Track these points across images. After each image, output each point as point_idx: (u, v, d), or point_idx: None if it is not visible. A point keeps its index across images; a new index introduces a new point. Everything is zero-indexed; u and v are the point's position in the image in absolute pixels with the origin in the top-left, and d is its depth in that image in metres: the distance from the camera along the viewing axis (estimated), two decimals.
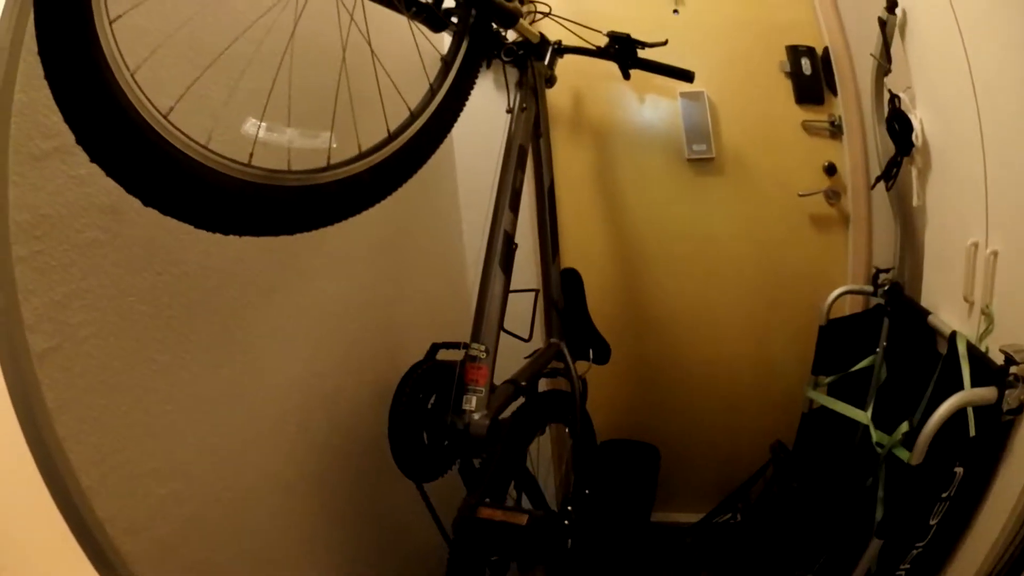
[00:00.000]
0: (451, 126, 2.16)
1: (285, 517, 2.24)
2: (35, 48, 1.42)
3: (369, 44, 1.87)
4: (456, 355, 2.04)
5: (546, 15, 2.74)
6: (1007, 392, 1.84)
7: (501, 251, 2.09)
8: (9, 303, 1.42)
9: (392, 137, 1.85)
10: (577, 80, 3.65)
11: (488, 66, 3.00)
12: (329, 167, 1.63)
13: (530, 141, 2.47)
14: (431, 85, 2.14)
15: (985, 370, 1.93)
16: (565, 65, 3.01)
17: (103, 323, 1.66)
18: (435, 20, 2.19)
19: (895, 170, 2.75)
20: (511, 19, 2.41)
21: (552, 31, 2.90)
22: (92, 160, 1.17)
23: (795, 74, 3.53)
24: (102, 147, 1.17)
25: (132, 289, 1.74)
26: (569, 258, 2.84)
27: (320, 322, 2.44)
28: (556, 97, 3.34)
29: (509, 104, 2.49)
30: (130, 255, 1.73)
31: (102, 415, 1.62)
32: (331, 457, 2.44)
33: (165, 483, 1.76)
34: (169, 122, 1.25)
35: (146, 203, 1.24)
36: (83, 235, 1.62)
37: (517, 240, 2.24)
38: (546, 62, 2.81)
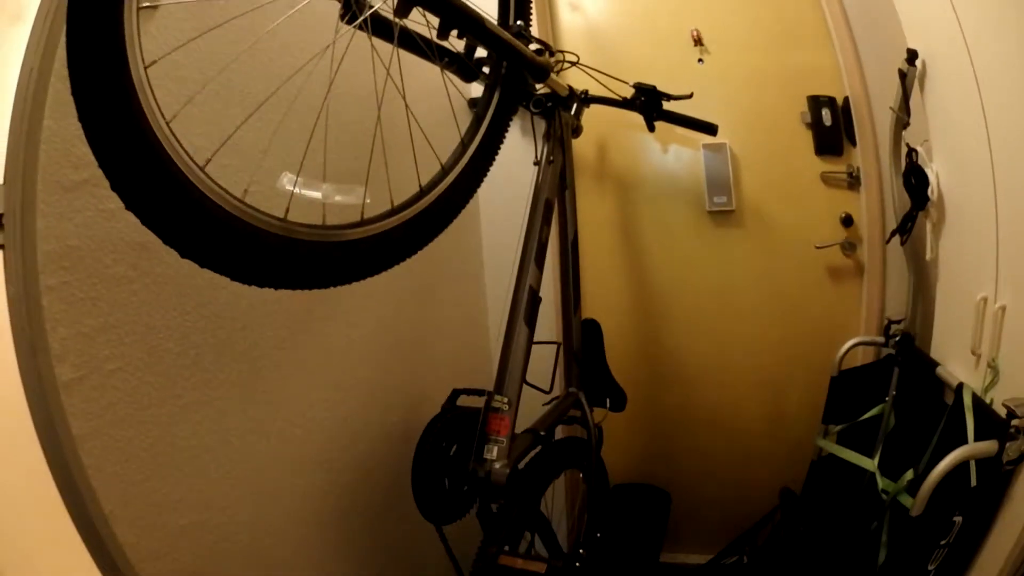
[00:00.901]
0: (482, 179, 2.16)
1: (306, 551, 2.24)
2: (64, 73, 1.43)
3: (404, 99, 1.88)
4: (476, 401, 2.03)
5: (574, 64, 2.73)
6: (1008, 444, 1.87)
7: (526, 306, 2.08)
8: (36, 332, 1.43)
9: (424, 192, 1.86)
10: (602, 128, 3.67)
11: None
12: (362, 222, 1.63)
13: (556, 194, 2.47)
14: (462, 139, 2.14)
15: (988, 422, 1.97)
16: (590, 113, 3.00)
17: (130, 358, 1.65)
18: (467, 70, 2.19)
19: (910, 224, 2.74)
20: (543, 73, 2.41)
21: (579, 80, 2.89)
22: (127, 208, 1.15)
23: (815, 125, 3.53)
24: (137, 197, 1.15)
25: (161, 327, 1.74)
26: (588, 305, 2.83)
27: (344, 365, 2.45)
28: (581, 145, 3.33)
29: (536, 156, 2.48)
30: (159, 293, 1.73)
31: (127, 446, 1.62)
32: (352, 495, 2.44)
33: (188, 513, 1.77)
34: (206, 174, 1.24)
35: (183, 255, 1.22)
36: (112, 270, 1.62)
37: (539, 291, 2.23)
38: (573, 112, 2.80)
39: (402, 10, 1.69)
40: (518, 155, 2.51)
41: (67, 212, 1.53)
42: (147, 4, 1.19)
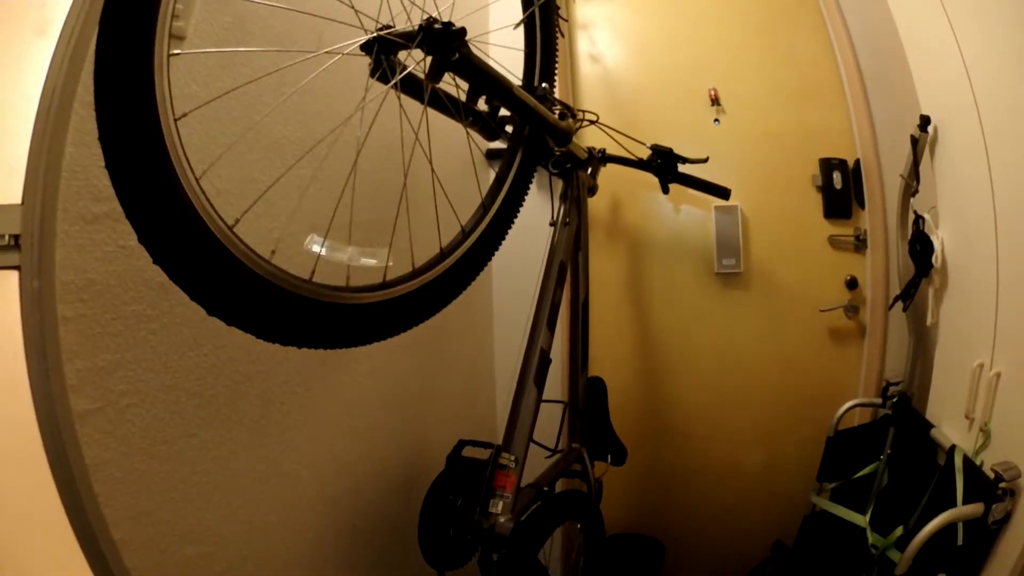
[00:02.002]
0: (501, 242, 2.19)
1: None
2: (88, 99, 1.44)
3: (431, 164, 1.90)
4: (480, 452, 2.03)
5: (593, 123, 2.72)
6: (994, 506, 1.92)
7: (536, 367, 2.09)
8: (51, 359, 1.44)
9: (444, 255, 1.88)
10: (616, 186, 3.70)
11: None
12: (384, 284, 1.64)
13: (570, 256, 2.47)
14: (483, 202, 2.17)
15: (977, 483, 2.02)
16: (606, 170, 3.02)
17: (146, 394, 1.66)
18: (490, 130, 2.20)
19: (913, 290, 2.75)
20: (565, 139, 2.43)
21: (596, 137, 2.91)
22: (155, 262, 1.16)
23: (826, 188, 3.56)
24: (165, 253, 1.16)
25: (177, 367, 1.75)
26: (594, 358, 2.85)
27: (354, 412, 2.47)
28: (595, 202, 3.35)
29: (553, 216, 2.49)
30: (177, 334, 1.74)
31: (139, 478, 1.63)
32: (356, 536, 2.46)
33: (196, 545, 1.78)
34: (235, 234, 1.25)
35: (209, 313, 1.23)
36: (130, 308, 1.63)
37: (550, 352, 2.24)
38: (590, 171, 2.81)
39: (434, 75, 1.71)
40: (532, 210, 2.49)
41: (87, 245, 1.54)
42: (177, 52, 1.17)
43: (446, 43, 1.66)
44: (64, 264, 1.48)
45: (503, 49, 2.34)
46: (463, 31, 1.69)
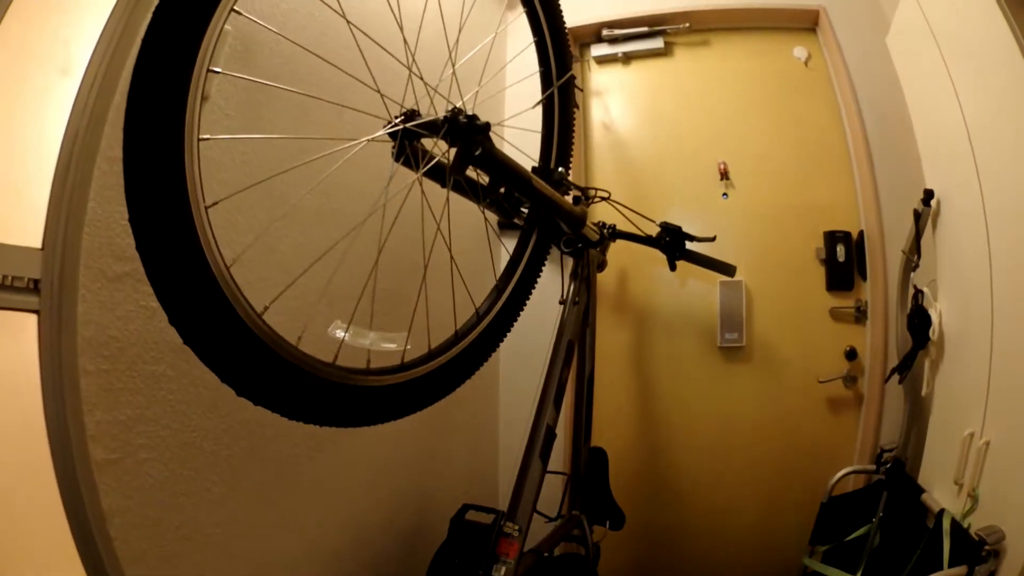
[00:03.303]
0: (513, 323, 2.22)
1: None
2: (110, 154, 1.53)
3: (449, 250, 1.95)
4: (483, 516, 2.05)
5: (605, 199, 2.75)
6: (977, 568, 1.97)
7: (542, 443, 2.10)
8: (71, 410, 1.49)
9: (459, 337, 1.92)
10: (624, 259, 3.75)
11: None
12: (402, 367, 1.68)
13: (578, 334, 2.49)
14: (497, 284, 2.21)
15: (963, 545, 2.05)
16: (615, 243, 3.04)
17: (164, 449, 1.71)
18: (506, 211, 2.23)
19: (909, 363, 2.79)
20: (579, 224, 2.47)
21: (607, 212, 2.94)
22: (185, 343, 1.17)
23: (829, 261, 3.58)
24: (197, 338, 1.18)
25: (195, 426, 1.80)
26: (597, 426, 2.83)
27: (364, 474, 2.51)
28: (603, 275, 3.32)
29: (563, 295, 2.51)
30: (196, 395, 1.79)
31: (154, 525, 1.67)
32: None
33: None
34: (263, 321, 1.29)
35: (239, 394, 1.26)
36: (151, 367, 1.68)
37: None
38: (599, 248, 2.83)
39: (458, 169, 1.74)
40: (541, 285, 2.50)
41: (108, 302, 1.58)
42: (206, 137, 1.19)
43: (470, 137, 1.70)
44: (85, 319, 1.52)
45: (520, 110, 2.39)
46: (487, 126, 1.73)
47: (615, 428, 3.73)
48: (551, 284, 2.49)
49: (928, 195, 2.68)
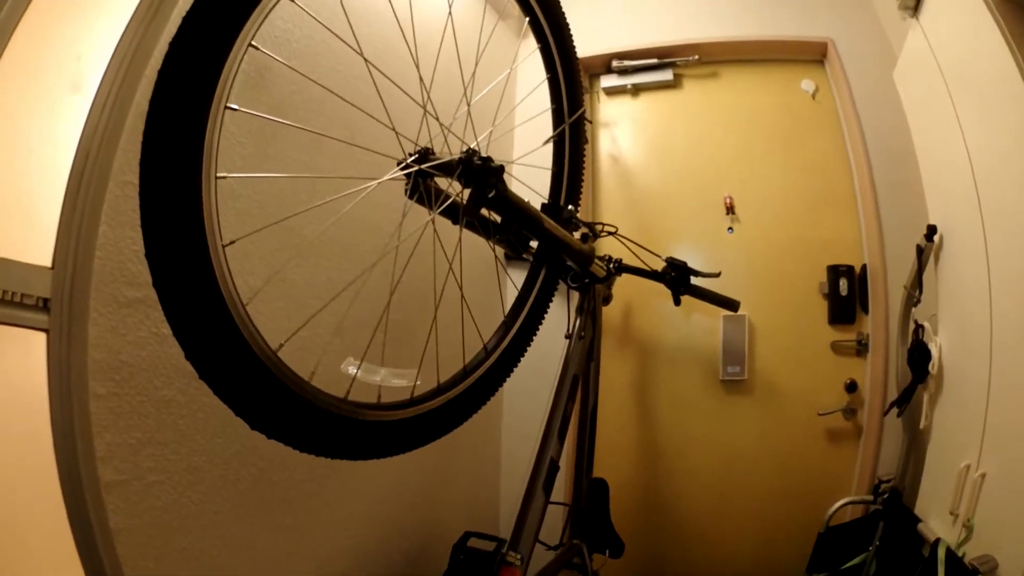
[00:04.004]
0: (520, 359, 2.23)
1: None
2: (123, 179, 1.54)
3: (460, 288, 1.97)
4: (484, 544, 2.06)
5: (612, 234, 2.75)
6: None
7: (545, 475, 2.11)
8: (82, 430, 1.50)
9: (467, 373, 1.93)
10: (629, 292, 3.76)
11: None
12: (412, 401, 1.70)
13: (583, 368, 2.50)
14: (505, 320, 2.22)
15: (958, 573, 2.07)
16: (621, 276, 3.04)
17: (172, 472, 1.72)
18: (515, 248, 2.25)
19: (908, 396, 2.81)
20: (587, 262, 2.47)
21: (613, 245, 2.92)
22: (201, 378, 1.19)
23: (832, 295, 3.59)
24: (213, 374, 1.20)
25: (203, 451, 1.82)
26: (599, 456, 2.83)
27: (366, 501, 2.53)
28: (608, 308, 3.33)
29: (568, 329, 2.52)
30: (205, 421, 1.81)
31: (161, 545, 1.69)
32: None
33: None
34: (279, 359, 1.31)
35: (252, 428, 1.28)
36: (161, 392, 1.70)
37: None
38: (606, 283, 2.84)
39: (471, 210, 1.77)
40: (548, 315, 2.52)
41: (119, 327, 1.60)
42: (223, 175, 1.21)
43: (484, 179, 1.72)
44: (96, 343, 1.53)
45: (530, 142, 2.41)
46: (501, 169, 1.75)
47: (617, 458, 3.74)
48: (557, 317, 2.50)
49: (931, 230, 2.71)
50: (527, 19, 2.26)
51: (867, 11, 3.78)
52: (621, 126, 4.25)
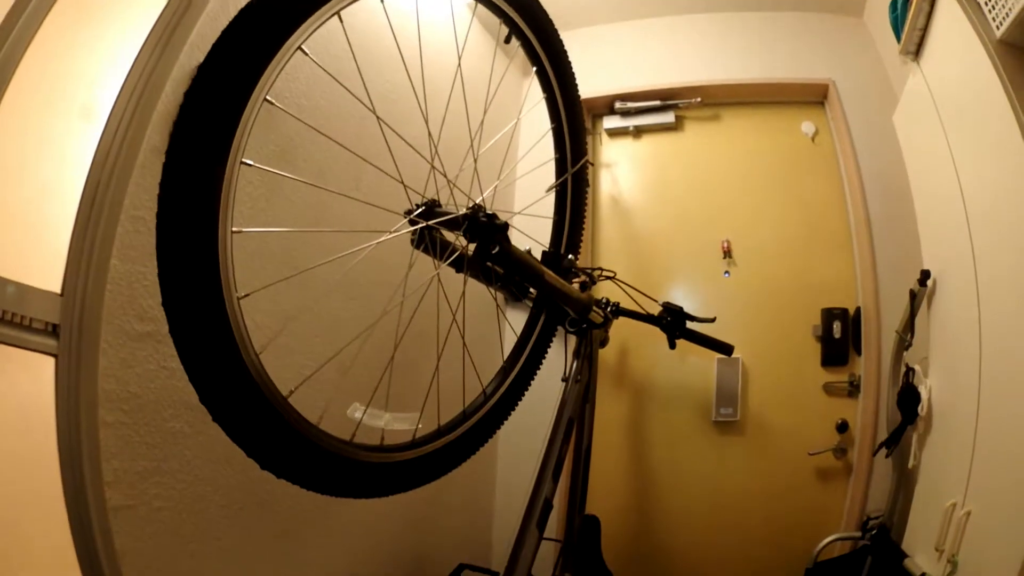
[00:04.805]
0: (518, 402, 2.29)
1: None
2: (135, 214, 1.58)
3: (462, 336, 2.01)
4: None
5: (611, 279, 2.79)
6: None
7: (539, 513, 2.12)
8: (90, 456, 1.54)
9: (467, 416, 1.99)
10: (626, 333, 3.76)
11: None
12: (413, 443, 1.76)
13: (578, 411, 2.50)
14: (504, 366, 2.28)
15: None
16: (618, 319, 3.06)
17: (178, 500, 1.78)
18: (515, 295, 2.26)
19: (898, 437, 2.85)
20: (585, 310, 2.51)
21: (612, 288, 2.95)
22: (215, 421, 1.25)
23: (825, 338, 3.63)
24: (228, 419, 1.26)
25: (209, 480, 1.87)
26: (592, 493, 2.84)
27: (362, 532, 2.59)
28: (604, 350, 3.34)
29: (565, 372, 2.53)
30: (211, 452, 1.86)
31: (164, 567, 1.74)
32: None
33: None
34: (289, 404, 1.37)
35: (263, 467, 1.34)
36: (169, 424, 1.75)
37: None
38: (603, 327, 2.86)
39: (475, 265, 1.86)
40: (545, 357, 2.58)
41: (129, 360, 1.64)
42: (238, 230, 1.27)
43: (489, 235, 1.78)
44: (106, 373, 1.58)
45: (531, 190, 2.45)
46: (505, 227, 1.81)
47: (609, 495, 3.76)
48: (554, 359, 2.55)
49: (924, 275, 2.74)
50: (534, 68, 2.31)
51: (869, 52, 3.83)
52: (622, 167, 4.30)
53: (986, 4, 2.14)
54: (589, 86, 3.18)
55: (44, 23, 1.47)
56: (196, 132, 1.19)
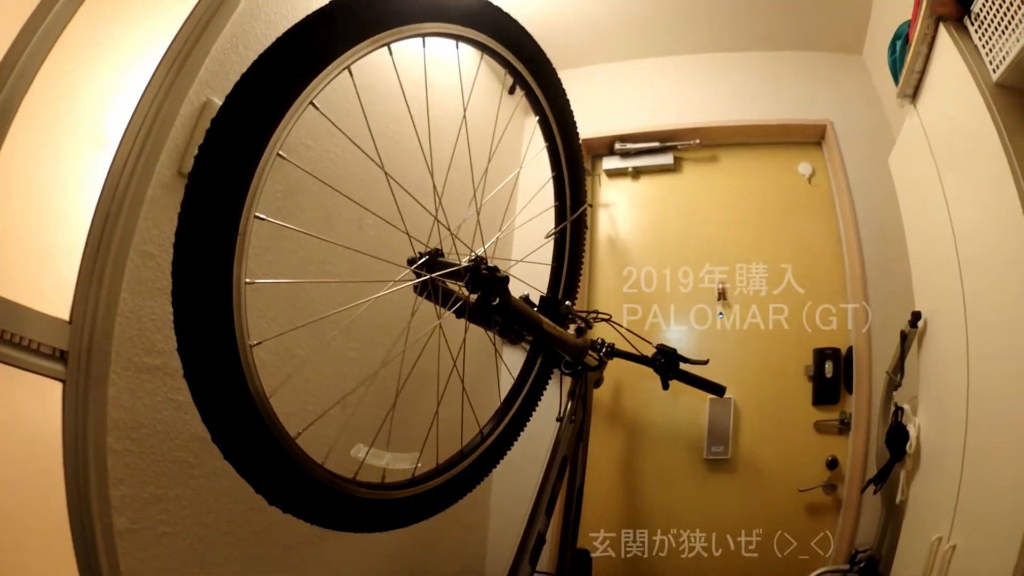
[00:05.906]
0: (514, 442, 2.35)
1: None
2: (145, 248, 1.65)
3: (462, 382, 2.05)
4: None
5: (606, 321, 2.85)
6: None
7: (532, 548, 2.14)
8: (97, 480, 1.61)
9: (464, 456, 2.04)
10: (620, 372, 3.78)
11: None
12: (413, 481, 1.82)
13: (573, 451, 2.53)
14: (501, 407, 2.33)
15: None
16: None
17: (182, 526, 1.85)
18: (512, 339, 2.33)
19: (886, 474, 2.89)
20: (581, 354, 2.55)
21: (606, 330, 3.03)
22: (225, 459, 1.30)
23: (817, 378, 3.69)
24: (237, 455, 1.31)
25: (213, 509, 1.94)
26: (583, 527, 2.87)
27: (361, 557, 2.64)
28: (599, 389, 3.36)
29: (560, 412, 2.55)
30: (216, 482, 1.93)
31: None
32: None
33: None
34: (297, 445, 1.43)
35: (270, 503, 1.40)
36: (175, 454, 1.82)
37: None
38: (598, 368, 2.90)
39: (476, 315, 1.91)
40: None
41: (138, 391, 1.70)
42: (251, 281, 1.31)
43: (490, 288, 1.83)
44: (115, 403, 1.64)
45: (531, 236, 2.53)
46: (505, 280, 1.86)
47: (599, 528, 3.73)
48: (549, 400, 2.58)
49: (915, 317, 2.78)
50: (537, 118, 2.35)
51: (868, 92, 3.91)
52: (620, 208, 4.35)
53: (983, 47, 2.20)
54: (589, 127, 3.24)
55: (54, 48, 1.53)
56: (212, 189, 1.22)
